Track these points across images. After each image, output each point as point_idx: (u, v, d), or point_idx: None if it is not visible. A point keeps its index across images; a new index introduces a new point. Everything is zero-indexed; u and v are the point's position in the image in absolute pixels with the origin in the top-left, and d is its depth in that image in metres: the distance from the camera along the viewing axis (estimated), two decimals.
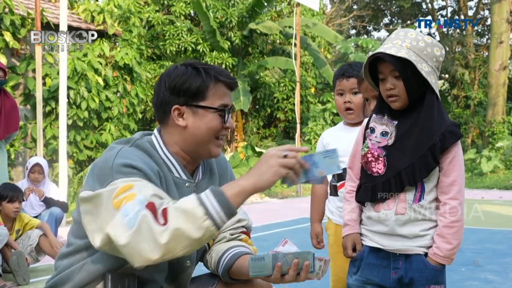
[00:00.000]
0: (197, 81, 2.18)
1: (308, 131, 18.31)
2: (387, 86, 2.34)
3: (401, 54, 2.25)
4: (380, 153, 2.38)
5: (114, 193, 1.94)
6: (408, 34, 2.33)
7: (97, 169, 2.08)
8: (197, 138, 2.21)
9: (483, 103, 24.03)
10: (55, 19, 11.39)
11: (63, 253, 2.27)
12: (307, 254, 2.07)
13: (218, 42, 16.76)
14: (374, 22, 30.73)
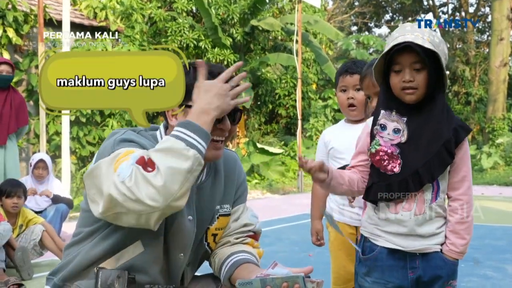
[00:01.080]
0: (186, 79, 2.09)
1: (310, 128, 18.34)
2: (406, 78, 2.25)
3: (428, 46, 2.22)
4: (394, 151, 2.30)
5: (116, 159, 1.96)
6: (423, 29, 2.30)
7: (101, 148, 2.11)
8: None
9: (484, 100, 24.06)
10: (58, 16, 11.44)
11: (70, 242, 2.31)
12: (296, 278, 2.03)
13: (220, 38, 16.78)
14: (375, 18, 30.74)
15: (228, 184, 2.41)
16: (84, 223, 2.25)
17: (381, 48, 20.11)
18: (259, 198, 13.46)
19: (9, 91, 6.83)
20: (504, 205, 11.80)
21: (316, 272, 2.22)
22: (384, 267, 2.40)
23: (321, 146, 3.42)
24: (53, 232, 5.85)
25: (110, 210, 1.94)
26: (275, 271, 2.09)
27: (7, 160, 6.75)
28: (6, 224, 5.28)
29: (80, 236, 2.26)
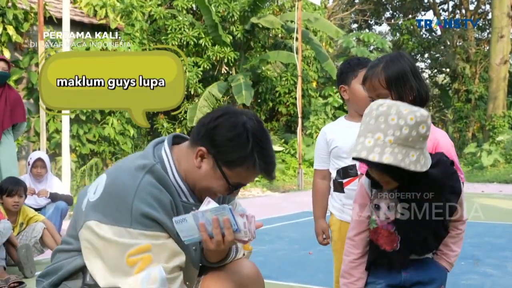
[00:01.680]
0: (238, 155, 2.15)
1: (310, 125, 18.35)
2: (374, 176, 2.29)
3: (386, 158, 2.11)
4: (391, 229, 2.32)
5: (131, 250, 2.02)
6: (390, 120, 2.14)
7: (113, 199, 2.09)
8: (197, 181, 2.23)
9: (484, 97, 24.05)
10: (58, 13, 11.43)
11: (60, 248, 2.32)
12: (223, 209, 2.07)
13: (220, 36, 16.78)
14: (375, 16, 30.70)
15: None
16: (75, 235, 2.24)
17: (381, 45, 20.10)
18: (259, 196, 13.47)
19: (5, 88, 6.84)
20: (504, 203, 11.81)
21: (317, 270, 2.27)
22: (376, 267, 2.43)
23: (322, 144, 3.41)
24: (54, 229, 5.86)
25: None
26: (208, 206, 2.12)
27: (2, 155, 6.76)
28: (6, 222, 5.28)
29: (71, 247, 2.26)
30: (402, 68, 2.55)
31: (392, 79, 2.55)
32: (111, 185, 2.13)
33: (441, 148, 2.68)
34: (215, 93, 16.59)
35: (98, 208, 2.09)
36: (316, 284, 5.00)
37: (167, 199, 2.15)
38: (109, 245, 2.04)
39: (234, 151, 2.15)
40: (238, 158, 2.15)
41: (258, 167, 2.19)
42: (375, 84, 2.58)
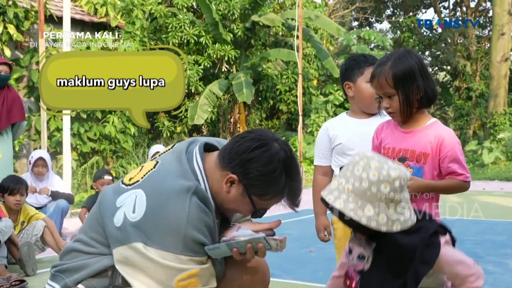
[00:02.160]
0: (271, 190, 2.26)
1: (311, 123, 18.34)
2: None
3: (338, 203, 2.16)
4: (355, 277, 2.32)
5: (181, 275, 2.09)
6: (355, 170, 2.18)
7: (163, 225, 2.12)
8: (224, 203, 2.30)
9: (485, 95, 24.02)
10: (58, 12, 11.44)
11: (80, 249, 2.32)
12: (259, 239, 2.19)
13: (220, 34, 16.77)
14: (376, 13, 30.67)
15: None
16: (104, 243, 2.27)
17: (382, 43, 20.08)
18: None
19: (4, 89, 6.96)
20: (505, 200, 11.80)
21: (318, 268, 2.31)
22: None
23: (324, 140, 3.39)
24: (54, 228, 5.87)
25: None
26: (239, 233, 2.24)
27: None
28: (8, 221, 5.30)
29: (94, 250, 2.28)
30: (409, 66, 2.55)
31: (399, 78, 2.56)
32: (157, 208, 2.14)
33: (446, 145, 2.69)
34: (216, 91, 16.59)
35: (143, 229, 2.12)
36: (317, 281, 5.00)
37: (212, 222, 2.22)
38: (158, 267, 2.10)
39: (267, 186, 2.25)
40: (270, 192, 2.27)
41: (287, 199, 2.34)
42: (382, 82, 2.58)
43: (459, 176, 2.71)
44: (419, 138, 2.71)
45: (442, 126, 2.77)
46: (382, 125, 2.87)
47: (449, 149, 2.70)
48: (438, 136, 2.65)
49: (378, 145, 2.82)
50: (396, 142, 2.75)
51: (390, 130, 2.80)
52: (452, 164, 2.68)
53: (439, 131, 2.67)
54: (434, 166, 2.69)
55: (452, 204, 2.82)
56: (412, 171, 2.66)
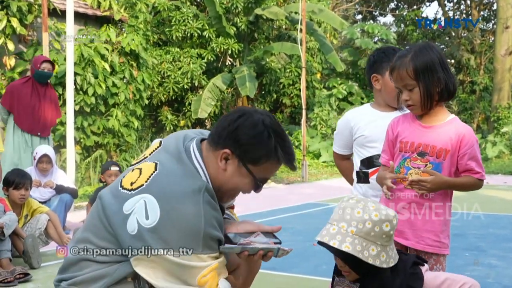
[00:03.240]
0: (262, 152, 2.25)
1: (314, 117, 18.34)
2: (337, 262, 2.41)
3: (345, 246, 2.22)
4: None
5: (203, 272, 2.13)
6: (355, 213, 2.25)
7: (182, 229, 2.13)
8: (223, 184, 2.30)
9: (489, 88, 23.97)
10: (62, 5, 11.42)
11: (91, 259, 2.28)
12: (272, 249, 2.31)
13: (224, 27, 16.76)
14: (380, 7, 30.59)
15: None
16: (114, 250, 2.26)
17: (386, 37, 20.05)
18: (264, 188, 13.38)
19: (47, 86, 7.75)
20: (509, 194, 11.79)
21: (321, 262, 2.35)
22: None
23: (344, 130, 3.39)
24: (57, 222, 5.88)
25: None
26: (256, 239, 2.32)
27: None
28: (12, 214, 5.31)
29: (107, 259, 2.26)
30: (430, 59, 2.55)
31: (420, 70, 2.56)
32: (172, 212, 2.15)
33: (466, 143, 2.70)
34: (219, 85, 16.59)
35: (160, 234, 2.13)
36: (320, 275, 5.01)
37: (221, 217, 2.27)
38: (180, 268, 2.13)
39: (259, 148, 2.24)
40: (264, 154, 2.25)
41: (282, 159, 2.29)
42: (403, 74, 2.58)
43: (475, 174, 2.71)
44: (440, 133, 2.70)
45: (461, 123, 2.77)
46: (398, 118, 2.85)
47: (468, 146, 2.71)
48: (458, 133, 2.65)
49: (394, 138, 2.80)
50: (415, 137, 2.74)
51: (408, 123, 2.78)
52: (471, 162, 2.68)
53: (459, 128, 2.67)
54: (452, 163, 2.69)
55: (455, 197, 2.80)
56: (431, 167, 2.66)
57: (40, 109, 7.53)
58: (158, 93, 16.21)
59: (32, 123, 7.50)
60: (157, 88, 16.12)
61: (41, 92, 7.58)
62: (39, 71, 7.46)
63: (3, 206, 5.38)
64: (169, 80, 16.18)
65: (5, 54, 11.00)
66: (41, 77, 7.53)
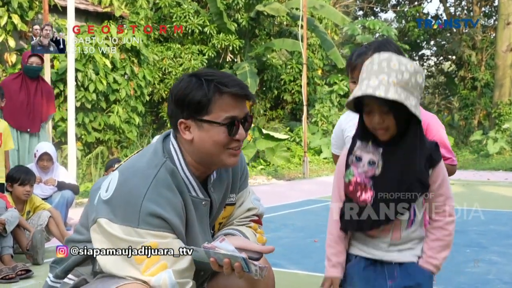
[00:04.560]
0: (199, 94, 2.16)
1: (315, 113, 18.34)
2: (375, 121, 2.26)
3: (391, 95, 2.17)
4: (367, 183, 2.30)
5: (138, 247, 2.07)
6: (392, 65, 2.22)
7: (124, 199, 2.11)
8: (205, 151, 2.21)
9: (490, 85, 23.95)
10: (63, 1, 11.42)
11: (72, 239, 2.37)
12: (237, 258, 2.13)
13: (225, 24, 16.75)
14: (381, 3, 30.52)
15: (234, 175, 2.45)
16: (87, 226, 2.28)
17: (387, 33, 20.02)
18: (265, 184, 13.49)
19: (39, 81, 7.62)
20: (510, 191, 11.79)
21: (322, 258, 2.31)
22: (361, 276, 2.39)
23: (338, 133, 3.41)
24: (59, 218, 5.91)
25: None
26: (222, 245, 2.17)
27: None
28: (14, 211, 5.33)
29: (84, 236, 2.30)
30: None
31: None
32: (122, 184, 2.15)
33: (431, 130, 2.74)
34: None
35: (109, 206, 2.12)
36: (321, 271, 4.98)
37: (178, 200, 2.17)
38: (119, 242, 2.09)
39: (194, 94, 2.16)
40: (203, 96, 2.15)
41: (226, 89, 2.16)
42: None
43: (446, 160, 2.72)
44: None
45: (426, 112, 2.78)
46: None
47: (434, 133, 2.75)
48: (424, 122, 2.65)
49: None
50: None
51: None
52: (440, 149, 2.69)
53: (423, 117, 2.68)
54: None
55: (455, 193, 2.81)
56: None
57: (29, 105, 7.38)
58: (159, 90, 16.21)
59: (21, 119, 7.35)
60: (158, 85, 16.12)
61: (32, 87, 7.43)
62: (27, 65, 7.32)
63: (5, 202, 5.40)
64: (170, 77, 16.18)
65: (6, 51, 11.00)
66: (29, 72, 7.37)
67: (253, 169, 15.22)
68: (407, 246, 2.37)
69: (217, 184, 2.35)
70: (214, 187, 2.33)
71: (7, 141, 6.43)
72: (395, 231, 2.34)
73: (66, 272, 2.32)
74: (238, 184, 2.48)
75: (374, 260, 2.38)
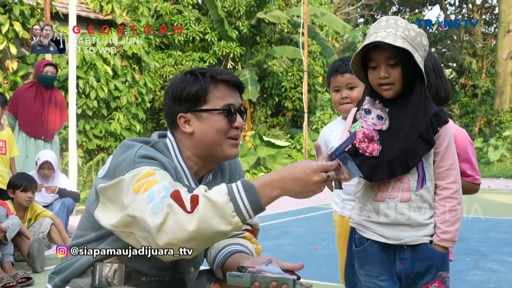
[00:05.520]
0: (195, 86, 2.20)
1: (316, 120, 18.35)
2: (381, 75, 2.27)
3: (399, 44, 2.21)
4: (375, 136, 2.30)
5: (136, 178, 2.00)
6: (399, 23, 2.28)
7: (118, 162, 2.12)
8: (206, 141, 2.22)
9: (491, 92, 24.00)
10: (64, 9, 11.46)
11: (73, 243, 2.30)
12: (287, 280, 2.03)
13: (226, 31, 16.79)
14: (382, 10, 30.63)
15: (232, 180, 2.42)
16: (89, 227, 2.26)
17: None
18: None
19: (53, 90, 7.75)
20: (510, 198, 11.79)
21: (322, 265, 2.28)
22: (374, 259, 2.39)
23: (321, 144, 3.44)
24: (61, 226, 5.91)
25: (124, 228, 2.00)
26: (268, 268, 2.11)
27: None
28: (15, 218, 5.33)
29: (84, 239, 2.27)
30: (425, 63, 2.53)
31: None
32: (115, 156, 2.16)
33: (459, 144, 2.66)
34: None
35: (106, 177, 2.12)
36: (322, 279, 5.01)
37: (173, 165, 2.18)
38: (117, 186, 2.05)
39: (193, 86, 2.20)
40: (201, 87, 2.20)
41: (220, 76, 2.22)
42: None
43: (468, 177, 2.69)
44: None
45: (455, 126, 2.73)
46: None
47: (461, 149, 2.68)
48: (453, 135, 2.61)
49: None
50: None
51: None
52: (463, 164, 2.67)
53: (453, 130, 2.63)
54: None
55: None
56: None
57: (43, 113, 7.54)
58: (160, 97, 16.23)
59: (36, 127, 7.53)
60: (159, 92, 16.15)
61: (46, 96, 7.60)
62: (43, 74, 7.49)
63: (6, 210, 5.41)
64: None
65: (8, 58, 11.03)
66: (44, 81, 7.55)
67: (254, 176, 15.22)
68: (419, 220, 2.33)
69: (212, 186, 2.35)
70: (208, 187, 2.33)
71: (12, 148, 6.52)
72: (404, 191, 2.31)
73: (64, 283, 2.28)
74: None
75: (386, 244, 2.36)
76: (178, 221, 1.87)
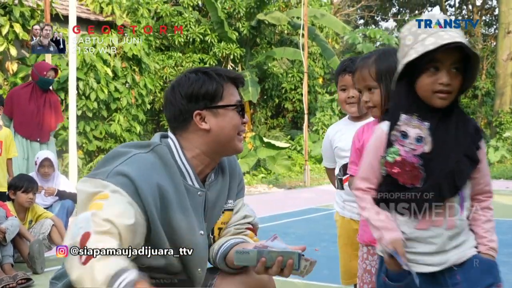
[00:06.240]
0: (213, 84, 2.27)
1: (316, 122, 18.35)
2: (443, 80, 2.01)
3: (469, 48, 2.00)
4: (416, 162, 2.04)
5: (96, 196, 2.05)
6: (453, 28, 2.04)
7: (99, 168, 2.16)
8: (222, 137, 2.28)
9: (491, 93, 24.00)
10: (64, 11, 11.47)
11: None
12: (292, 254, 2.10)
13: (226, 32, 16.79)
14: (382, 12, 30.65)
15: (232, 180, 2.48)
16: None
17: (387, 41, 20.06)
18: (266, 192, 13.48)
19: (48, 92, 7.72)
20: (511, 199, 11.77)
21: (322, 266, 2.26)
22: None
23: (326, 144, 3.46)
24: (62, 227, 5.91)
25: None
26: (274, 244, 2.16)
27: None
28: (14, 220, 5.33)
29: None
30: (394, 63, 2.51)
31: (383, 72, 2.53)
32: (101, 163, 2.20)
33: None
34: None
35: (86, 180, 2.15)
36: (322, 280, 5.01)
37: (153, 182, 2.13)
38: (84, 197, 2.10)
39: (210, 84, 2.27)
40: (218, 84, 2.28)
41: (231, 74, 2.33)
42: (365, 74, 2.56)
43: None
44: None
45: None
46: (363, 127, 2.78)
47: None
48: None
49: (360, 147, 2.70)
50: None
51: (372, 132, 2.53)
52: None
53: None
54: None
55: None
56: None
57: (38, 115, 7.48)
58: (160, 98, 16.23)
59: (31, 129, 7.47)
60: (159, 93, 16.16)
61: (41, 98, 7.53)
62: (44, 78, 7.44)
63: (5, 211, 5.40)
64: None
65: (8, 60, 11.03)
66: (45, 84, 7.53)
67: (254, 178, 15.21)
68: (462, 239, 2.14)
69: (214, 185, 2.38)
70: (210, 187, 2.35)
71: (10, 149, 6.50)
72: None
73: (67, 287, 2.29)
74: (236, 191, 2.51)
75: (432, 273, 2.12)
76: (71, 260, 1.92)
